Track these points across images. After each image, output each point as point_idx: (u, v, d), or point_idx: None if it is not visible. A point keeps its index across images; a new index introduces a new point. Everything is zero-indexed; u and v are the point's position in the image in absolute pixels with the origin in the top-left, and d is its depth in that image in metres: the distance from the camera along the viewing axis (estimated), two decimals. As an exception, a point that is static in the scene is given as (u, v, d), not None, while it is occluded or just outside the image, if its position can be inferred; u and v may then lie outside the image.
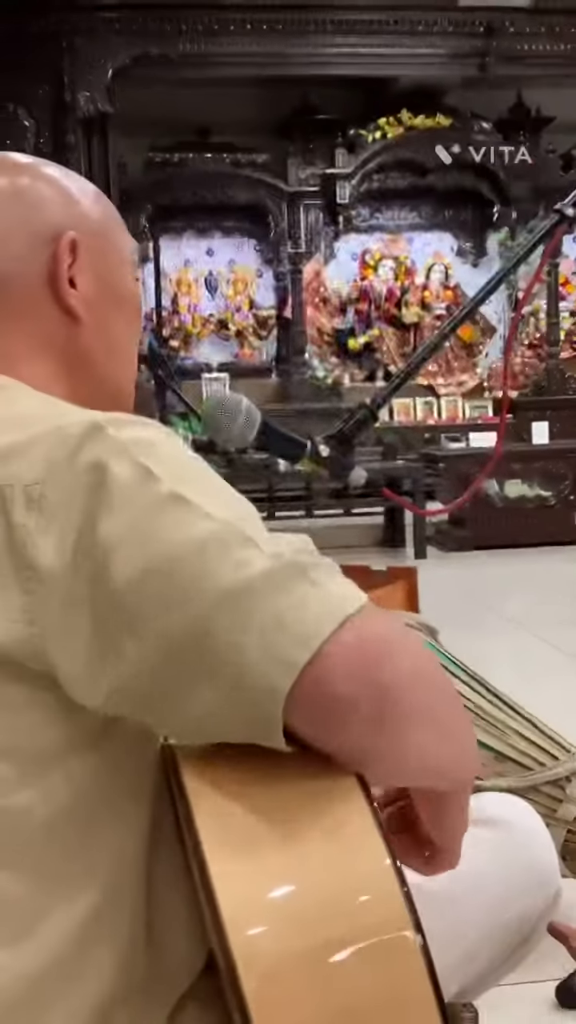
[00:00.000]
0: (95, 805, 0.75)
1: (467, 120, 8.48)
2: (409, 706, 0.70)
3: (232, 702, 0.67)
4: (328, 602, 0.68)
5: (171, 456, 0.74)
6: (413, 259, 9.17)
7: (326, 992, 0.65)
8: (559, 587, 4.80)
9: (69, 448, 0.72)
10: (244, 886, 0.67)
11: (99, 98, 7.43)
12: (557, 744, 1.59)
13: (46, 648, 0.70)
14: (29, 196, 0.90)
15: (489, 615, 4.14)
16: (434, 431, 8.14)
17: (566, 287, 9.20)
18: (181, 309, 8.91)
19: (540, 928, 1.13)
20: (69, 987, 0.74)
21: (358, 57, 7.73)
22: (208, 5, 7.38)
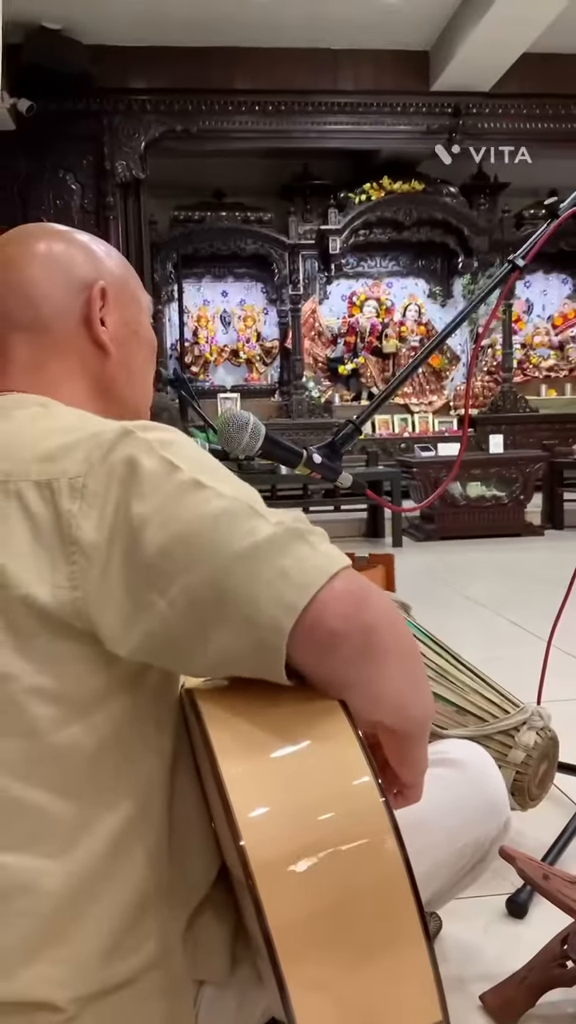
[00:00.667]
0: (130, 739, 0.76)
1: (437, 185, 8.44)
2: (385, 643, 0.72)
3: (245, 639, 0.68)
4: (323, 558, 0.69)
5: (189, 452, 0.75)
6: (392, 300, 9.14)
7: (322, 880, 0.66)
8: (511, 571, 4.80)
9: (105, 448, 0.74)
10: (253, 791, 0.67)
11: (133, 166, 7.40)
12: (508, 700, 1.59)
13: (88, 609, 0.72)
14: (65, 259, 0.92)
15: (454, 594, 4.14)
16: (409, 442, 8.13)
17: (518, 323, 9.19)
18: (200, 340, 8.89)
19: (493, 851, 1.13)
20: (108, 887, 0.75)
21: (348, 133, 7.71)
22: (223, 90, 7.36)
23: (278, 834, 0.66)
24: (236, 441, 1.19)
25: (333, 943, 0.65)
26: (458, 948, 1.31)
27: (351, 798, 0.68)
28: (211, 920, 0.83)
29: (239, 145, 7.65)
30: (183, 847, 0.81)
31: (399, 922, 0.66)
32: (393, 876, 0.67)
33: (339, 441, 1.33)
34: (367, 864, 0.67)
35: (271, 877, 0.64)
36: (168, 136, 7.45)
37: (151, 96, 7.32)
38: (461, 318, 1.48)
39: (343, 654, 0.69)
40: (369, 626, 0.70)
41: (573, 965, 1.13)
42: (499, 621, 3.54)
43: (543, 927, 1.28)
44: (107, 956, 0.74)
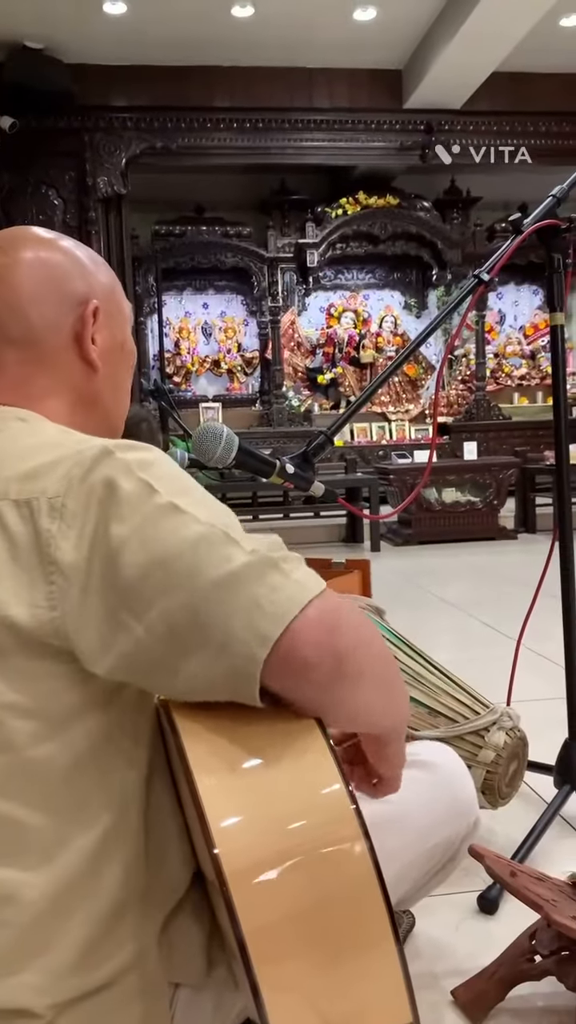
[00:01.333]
0: (106, 753, 0.76)
1: (411, 200, 8.49)
2: (357, 667, 0.72)
3: (219, 667, 0.68)
4: (296, 587, 0.69)
5: (168, 474, 0.74)
6: (369, 312, 9.18)
7: (294, 887, 0.66)
8: (484, 574, 4.82)
9: (84, 468, 0.73)
10: (227, 801, 0.67)
11: (115, 182, 7.40)
12: (479, 701, 1.60)
13: (66, 628, 0.71)
14: (58, 273, 0.90)
15: (428, 597, 4.15)
16: (386, 449, 8.16)
17: (491, 334, 9.24)
18: (182, 351, 8.89)
19: (463, 850, 1.14)
20: (86, 897, 0.74)
21: (324, 149, 7.75)
22: (202, 107, 7.37)
23: (251, 842, 0.66)
24: (210, 452, 1.19)
25: (306, 947, 0.65)
26: (430, 944, 1.31)
27: (323, 806, 0.69)
28: (186, 923, 0.83)
29: (218, 161, 7.66)
30: (159, 854, 0.80)
31: (370, 927, 0.67)
32: (364, 882, 0.67)
33: (311, 451, 1.33)
34: (338, 871, 0.67)
35: (245, 884, 0.64)
36: (148, 152, 7.46)
37: (132, 114, 7.32)
38: (425, 335, 1.48)
39: (315, 680, 0.69)
40: (341, 652, 0.69)
41: (541, 960, 1.14)
42: (472, 622, 3.56)
43: (513, 923, 1.28)
44: (84, 963, 0.74)
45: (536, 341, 9.40)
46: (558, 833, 1.64)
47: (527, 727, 1.62)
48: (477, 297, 1.51)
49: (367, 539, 5.92)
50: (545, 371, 9.30)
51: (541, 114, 7.77)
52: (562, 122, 7.85)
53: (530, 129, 7.85)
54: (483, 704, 1.59)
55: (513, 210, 1.53)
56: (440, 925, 1.36)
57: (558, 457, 1.64)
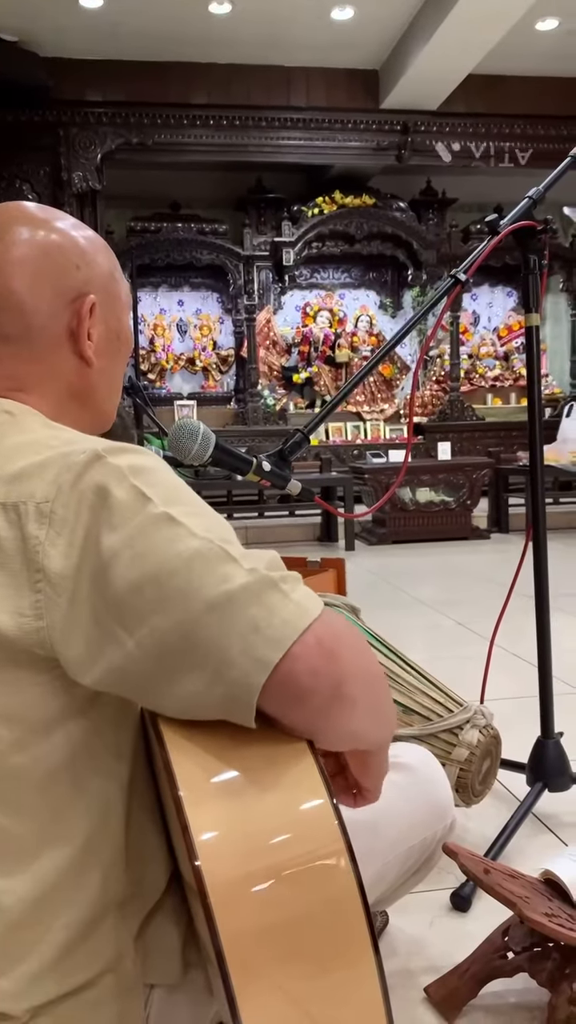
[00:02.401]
0: (86, 760, 0.74)
1: (387, 200, 8.51)
2: (353, 696, 0.70)
3: (214, 690, 0.66)
4: (295, 610, 0.66)
5: (162, 481, 0.71)
6: (344, 311, 9.19)
7: (276, 901, 0.65)
8: (458, 573, 4.85)
9: (75, 472, 0.70)
10: (210, 814, 0.66)
11: (90, 177, 7.35)
12: (452, 700, 1.60)
13: (53, 638, 0.69)
14: (51, 257, 0.85)
15: (402, 596, 4.17)
16: (361, 448, 8.17)
17: (465, 335, 9.29)
18: (157, 348, 8.84)
19: (438, 851, 1.14)
20: (65, 906, 0.73)
21: (301, 148, 7.75)
22: (179, 104, 7.34)
23: (234, 855, 0.65)
24: (186, 449, 1.19)
25: (285, 962, 0.65)
26: (404, 942, 1.32)
27: (308, 822, 0.68)
28: (162, 925, 0.82)
29: (194, 158, 7.64)
30: (139, 861, 0.80)
31: (350, 941, 0.66)
32: (346, 900, 0.66)
33: (288, 449, 1.33)
34: (321, 887, 0.66)
35: (225, 897, 0.63)
36: (124, 148, 7.41)
37: (107, 108, 7.27)
38: (402, 334, 1.49)
39: (311, 706, 0.67)
40: (339, 680, 0.68)
41: (514, 956, 1.14)
42: (445, 621, 3.58)
43: (486, 920, 1.29)
44: (62, 967, 0.73)
45: (510, 343, 9.46)
46: (531, 830, 1.65)
47: (500, 725, 1.63)
48: (453, 297, 1.51)
49: (342, 538, 5.93)
50: (518, 372, 9.37)
51: (517, 117, 7.83)
52: (537, 125, 7.91)
53: (505, 131, 7.90)
54: (457, 702, 1.60)
55: (489, 211, 1.54)
56: (414, 922, 1.36)
57: (532, 458, 1.65)
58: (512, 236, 1.55)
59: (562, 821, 1.70)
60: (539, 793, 1.64)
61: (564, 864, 1.17)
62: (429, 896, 1.42)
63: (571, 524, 6.53)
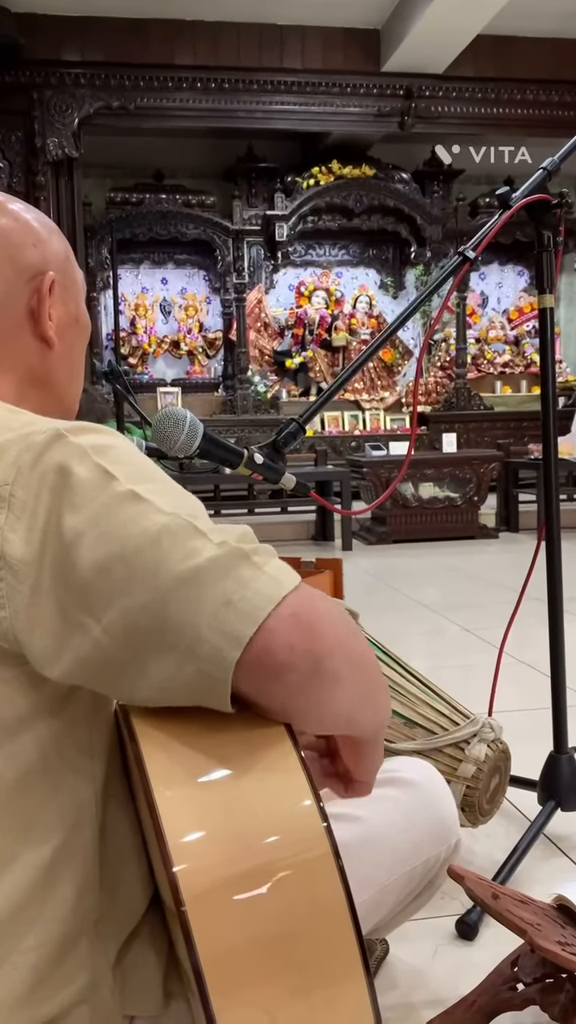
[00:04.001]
0: (57, 763, 0.75)
1: (388, 171, 8.52)
2: (335, 669, 0.71)
3: (186, 671, 0.67)
4: (269, 582, 0.68)
5: (126, 458, 0.73)
6: (342, 291, 9.20)
7: (258, 911, 0.65)
8: (464, 575, 4.87)
9: (35, 453, 0.72)
10: (187, 816, 0.66)
11: (66, 144, 7.33)
12: (458, 712, 1.61)
13: (15, 628, 0.70)
14: (8, 236, 0.88)
15: (404, 600, 4.18)
16: (359, 440, 8.18)
17: (472, 317, 9.31)
18: (139, 330, 8.84)
19: (442, 873, 1.15)
20: (35, 922, 0.74)
21: (295, 114, 7.74)
22: (162, 64, 7.32)
23: (213, 861, 0.65)
24: (172, 439, 1.19)
25: (268, 977, 0.65)
26: (406, 972, 1.32)
27: (291, 824, 0.68)
28: (142, 952, 0.83)
29: (180, 123, 7.62)
30: (115, 877, 0.80)
31: (338, 956, 0.66)
32: (333, 908, 0.66)
33: (282, 441, 1.33)
34: (306, 895, 0.66)
35: (203, 907, 0.63)
36: (103, 112, 7.39)
37: (85, 69, 7.25)
38: (408, 314, 1.49)
39: (290, 683, 0.68)
40: (318, 654, 0.69)
41: (524, 988, 1.15)
42: (451, 627, 3.59)
43: (493, 948, 1.30)
44: (33, 995, 0.73)
45: (520, 326, 9.49)
46: (542, 853, 1.66)
47: (509, 739, 1.63)
48: (461, 277, 1.52)
49: (338, 537, 5.94)
50: (530, 358, 9.39)
51: (529, 81, 7.83)
52: (551, 90, 7.91)
53: (516, 97, 7.90)
54: (463, 715, 1.60)
55: (498, 184, 1.54)
56: (416, 952, 1.37)
57: (545, 451, 1.66)
58: (525, 211, 1.55)
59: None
60: (551, 812, 1.65)
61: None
62: (432, 923, 1.43)
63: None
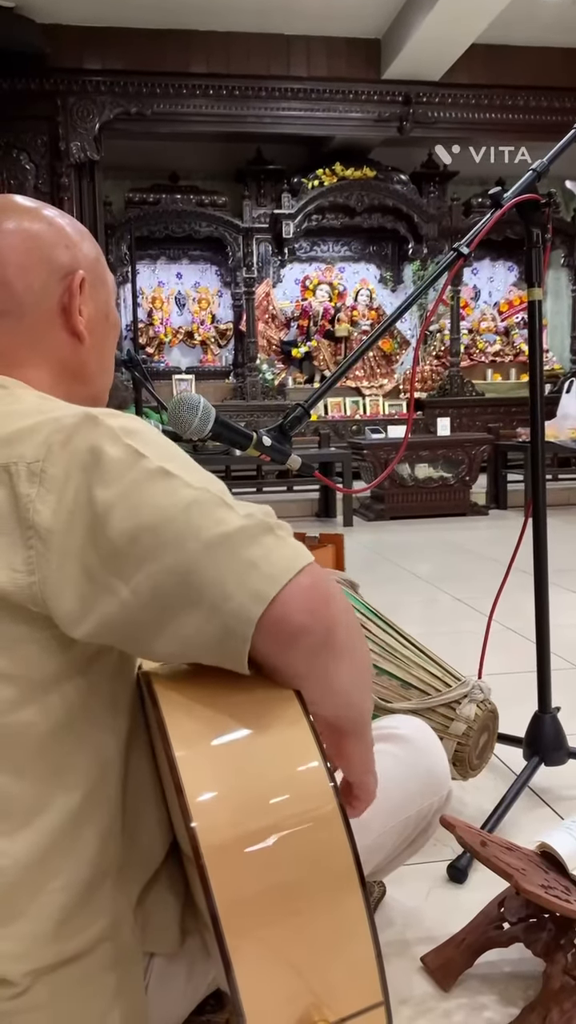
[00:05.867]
0: (84, 719, 0.75)
1: (388, 172, 8.43)
2: (343, 641, 0.72)
3: (210, 627, 0.67)
4: (291, 552, 0.69)
5: (154, 440, 0.74)
6: (344, 285, 9.13)
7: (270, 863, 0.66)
8: (456, 549, 4.86)
9: (66, 433, 0.72)
10: (205, 773, 0.67)
11: (88, 147, 7.25)
12: (450, 674, 1.61)
13: (45, 593, 0.70)
14: (44, 244, 0.89)
15: (401, 572, 4.17)
16: (360, 424, 8.15)
17: (466, 309, 9.24)
18: (155, 322, 8.79)
19: (435, 822, 1.15)
20: (63, 865, 0.74)
21: (301, 119, 7.64)
22: (178, 72, 7.23)
23: (228, 816, 0.66)
24: (187, 423, 1.18)
25: (279, 924, 0.65)
26: (401, 913, 1.33)
27: (301, 783, 0.69)
28: (161, 894, 0.84)
29: (193, 128, 7.53)
30: (136, 825, 0.81)
31: (344, 906, 0.67)
32: (339, 860, 0.67)
33: (288, 424, 1.32)
34: (315, 849, 0.67)
35: (220, 858, 0.64)
36: (122, 118, 7.31)
37: (106, 77, 7.16)
38: (406, 306, 1.48)
39: (304, 646, 0.69)
40: (331, 623, 0.70)
41: (510, 927, 1.16)
42: (443, 597, 3.59)
43: (482, 891, 1.30)
44: (60, 931, 0.74)
45: (510, 317, 9.41)
46: (527, 804, 1.67)
47: (497, 700, 1.64)
48: (455, 271, 1.50)
49: (340, 514, 5.93)
50: (519, 348, 9.33)
51: (520, 88, 7.72)
52: (541, 97, 7.80)
53: (508, 103, 7.79)
54: (455, 677, 1.60)
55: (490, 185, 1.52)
56: (411, 894, 1.38)
57: (533, 434, 1.65)
58: (515, 209, 1.53)
59: (558, 795, 1.72)
60: (536, 767, 1.65)
61: (560, 837, 1.18)
62: (426, 868, 1.44)
63: (570, 501, 6.53)
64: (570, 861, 1.14)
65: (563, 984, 1.05)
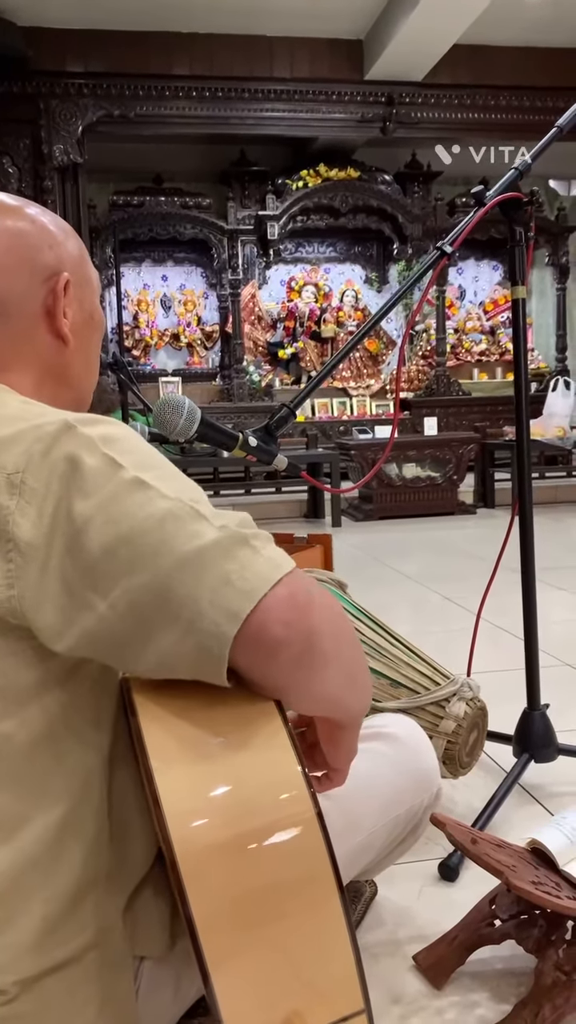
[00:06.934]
0: (65, 731, 0.75)
1: (372, 173, 8.44)
2: (324, 649, 0.71)
3: (186, 645, 0.66)
4: (266, 564, 0.67)
5: (133, 448, 0.72)
6: (329, 285, 9.14)
7: (248, 871, 0.66)
8: (444, 548, 4.87)
9: (45, 443, 0.71)
10: (182, 784, 0.67)
11: (71, 150, 7.23)
12: (439, 672, 1.61)
13: (24, 607, 0.69)
14: (23, 239, 0.86)
15: (389, 571, 4.18)
16: (347, 424, 8.16)
17: (451, 309, 9.26)
18: (141, 324, 8.78)
19: (425, 820, 1.15)
20: (46, 879, 0.74)
21: (284, 120, 7.65)
22: (160, 75, 7.22)
23: (205, 826, 0.65)
24: (171, 424, 1.18)
25: (257, 932, 0.65)
26: (393, 912, 1.33)
27: (279, 792, 0.68)
28: (150, 899, 0.83)
29: (177, 130, 7.53)
30: (123, 833, 0.80)
31: (323, 913, 0.67)
32: (317, 867, 0.67)
33: (274, 424, 1.32)
34: (292, 856, 0.67)
35: (196, 867, 0.63)
36: (105, 120, 7.30)
37: (88, 80, 7.15)
38: (390, 305, 1.48)
39: (283, 659, 0.68)
40: (311, 633, 0.68)
41: (501, 924, 1.16)
42: (433, 596, 3.59)
43: (473, 889, 1.31)
44: (47, 941, 0.73)
45: (495, 317, 9.44)
46: (517, 801, 1.67)
47: (487, 698, 1.64)
48: (439, 270, 1.50)
49: (328, 515, 5.94)
50: (504, 347, 9.36)
51: (503, 88, 7.75)
52: (523, 96, 7.83)
53: (491, 103, 7.82)
54: (444, 675, 1.61)
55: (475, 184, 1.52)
56: (402, 893, 1.37)
57: (519, 432, 1.65)
58: (499, 208, 1.53)
59: (548, 791, 1.72)
60: (525, 764, 1.66)
61: (550, 833, 1.18)
62: (417, 867, 1.44)
63: (556, 499, 6.56)
64: (560, 857, 1.14)
65: (555, 980, 1.06)
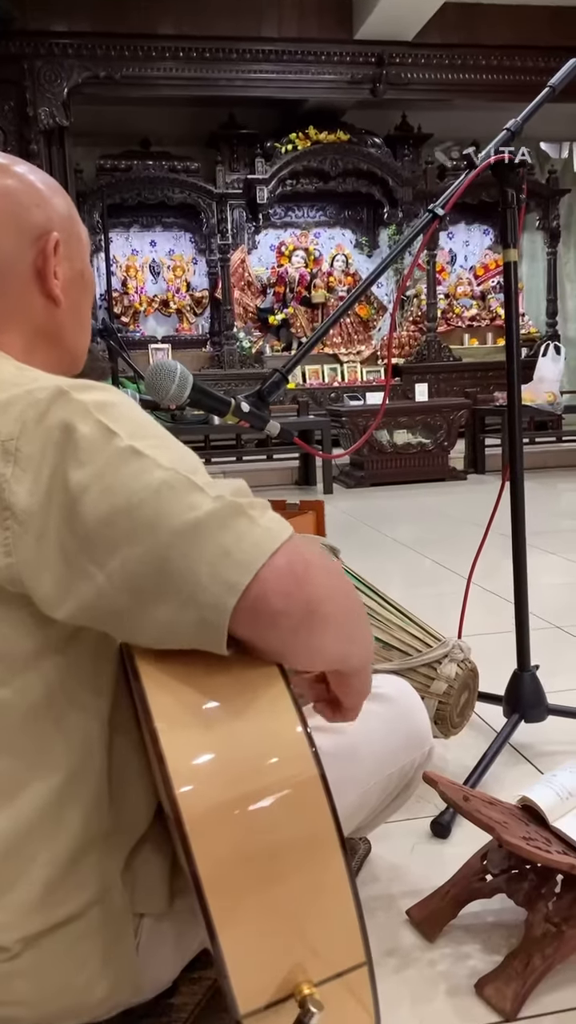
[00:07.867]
0: (65, 697, 0.75)
1: (362, 136, 8.32)
2: (323, 615, 0.71)
3: (186, 617, 0.66)
4: (263, 534, 0.67)
5: (127, 415, 0.72)
6: (320, 250, 9.04)
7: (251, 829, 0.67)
8: (435, 514, 4.88)
9: (38, 409, 0.71)
10: (186, 744, 0.67)
11: (57, 113, 7.09)
12: (430, 635, 1.63)
13: (22, 575, 0.69)
14: (16, 203, 0.85)
15: (381, 537, 4.19)
16: (338, 391, 8.13)
17: (442, 274, 9.19)
18: (130, 290, 8.67)
19: (417, 778, 1.17)
20: (47, 840, 0.75)
21: (273, 82, 7.50)
22: (145, 34, 7.06)
23: (209, 785, 0.66)
24: (164, 390, 1.18)
25: (261, 889, 0.66)
26: (387, 868, 1.35)
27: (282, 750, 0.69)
28: (149, 857, 0.84)
29: (164, 92, 7.38)
30: (122, 796, 0.81)
31: (326, 869, 0.68)
32: (321, 824, 0.68)
33: (266, 390, 1.32)
34: (295, 814, 0.68)
35: (202, 825, 0.64)
36: (91, 82, 7.14)
37: (72, 40, 6.98)
38: (381, 269, 1.47)
39: (282, 628, 0.68)
40: (310, 601, 0.69)
41: (492, 878, 1.18)
42: (423, 561, 3.61)
43: (465, 845, 1.33)
44: (47, 899, 0.75)
45: (486, 282, 9.37)
46: (507, 760, 1.70)
47: (477, 659, 1.66)
48: (430, 233, 1.49)
49: (320, 481, 5.93)
50: (495, 312, 9.30)
51: (494, 47, 7.62)
52: (514, 56, 7.70)
53: (482, 63, 7.69)
54: (435, 638, 1.62)
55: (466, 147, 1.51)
56: (396, 850, 1.40)
57: (510, 397, 1.65)
58: (490, 171, 1.52)
59: (538, 750, 1.74)
60: (516, 724, 1.68)
61: (540, 790, 1.20)
62: (410, 824, 1.46)
63: (546, 464, 6.57)
64: (550, 814, 1.17)
65: (544, 931, 1.08)
